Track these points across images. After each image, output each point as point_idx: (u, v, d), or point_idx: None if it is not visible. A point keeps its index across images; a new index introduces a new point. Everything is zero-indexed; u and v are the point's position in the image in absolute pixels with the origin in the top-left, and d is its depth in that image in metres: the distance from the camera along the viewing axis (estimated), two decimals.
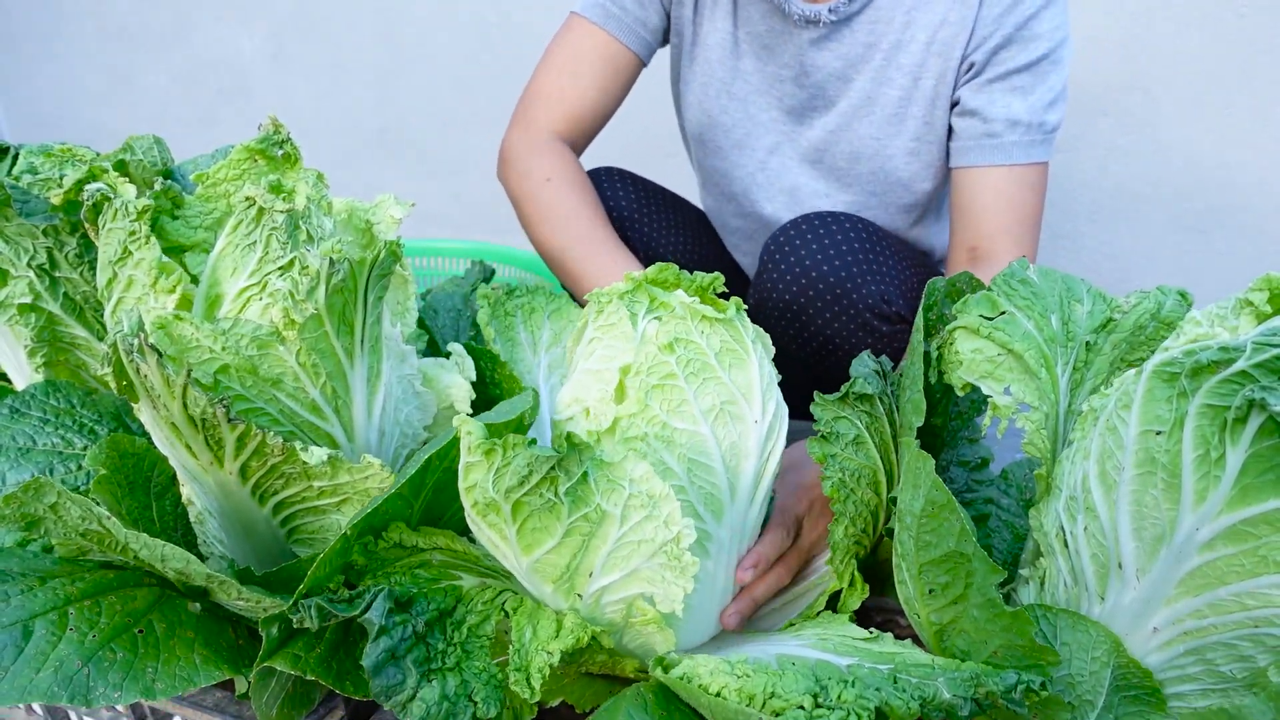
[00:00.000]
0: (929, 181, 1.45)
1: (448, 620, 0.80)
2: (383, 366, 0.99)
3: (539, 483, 0.73)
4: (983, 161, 1.35)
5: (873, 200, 1.48)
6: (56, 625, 0.78)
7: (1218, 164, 2.00)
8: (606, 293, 0.89)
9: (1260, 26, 1.87)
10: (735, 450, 0.83)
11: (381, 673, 0.73)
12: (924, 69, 1.37)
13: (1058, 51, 1.32)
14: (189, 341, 0.87)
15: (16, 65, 3.48)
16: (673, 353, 0.81)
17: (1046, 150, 1.35)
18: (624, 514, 0.74)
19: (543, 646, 0.75)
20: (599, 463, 0.74)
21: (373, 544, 0.84)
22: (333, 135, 3.01)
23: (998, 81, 1.33)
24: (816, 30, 1.38)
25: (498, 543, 0.78)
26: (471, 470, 0.74)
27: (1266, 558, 0.66)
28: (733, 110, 1.49)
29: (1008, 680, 0.70)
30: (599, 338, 0.87)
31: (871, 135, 1.42)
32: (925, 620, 0.80)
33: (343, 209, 1.02)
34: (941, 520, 0.75)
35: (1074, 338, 0.89)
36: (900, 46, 1.37)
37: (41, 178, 1.13)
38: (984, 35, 1.32)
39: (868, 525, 0.92)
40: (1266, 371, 0.64)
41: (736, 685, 0.72)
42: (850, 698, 0.69)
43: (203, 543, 0.95)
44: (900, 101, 1.39)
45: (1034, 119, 1.32)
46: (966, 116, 1.36)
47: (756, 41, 1.44)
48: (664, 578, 0.77)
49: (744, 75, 1.47)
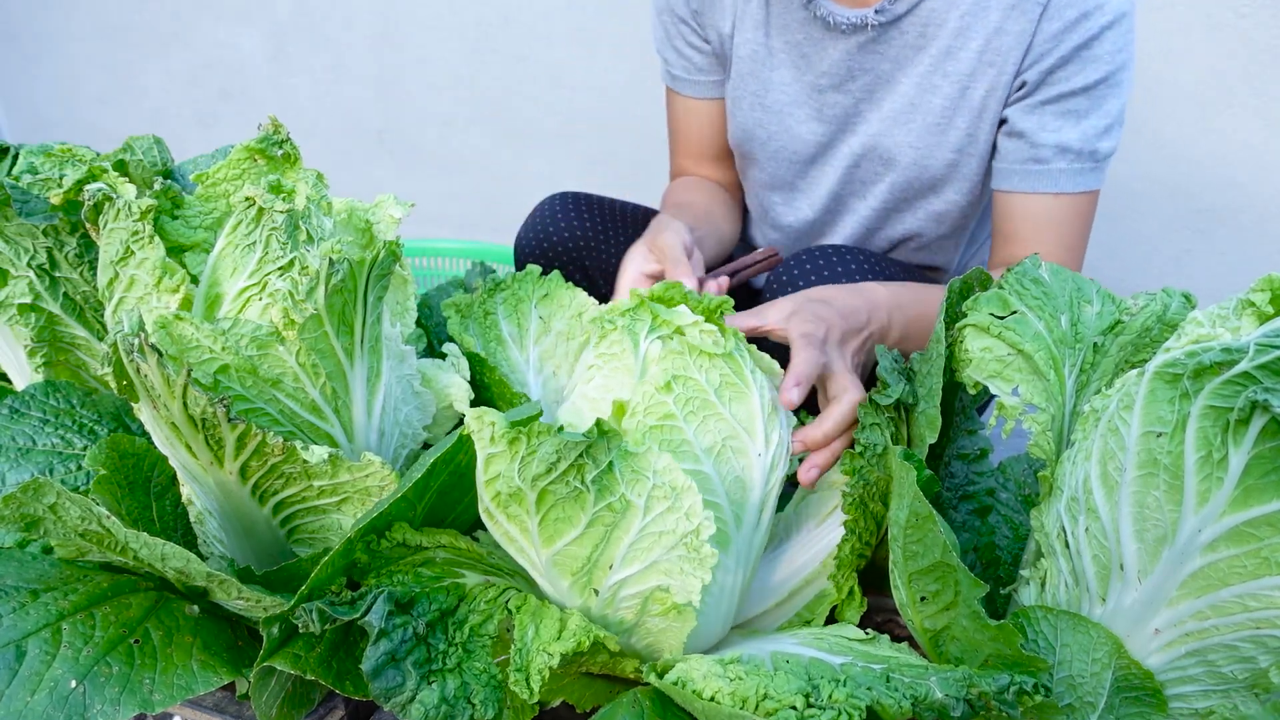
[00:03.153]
0: (965, 196, 1.39)
1: (449, 620, 0.79)
2: (382, 367, 0.99)
3: (566, 470, 0.73)
4: (1027, 188, 1.28)
5: (904, 206, 1.43)
6: (50, 643, 0.77)
7: (1218, 163, 1.99)
8: (610, 312, 0.88)
9: (1260, 26, 1.87)
10: (739, 484, 0.84)
11: (381, 675, 0.73)
12: (974, 79, 1.29)
13: (1118, 75, 1.23)
14: (189, 341, 0.87)
15: (16, 65, 3.48)
16: (670, 392, 0.81)
17: (1097, 179, 1.27)
18: (648, 504, 0.75)
19: (544, 647, 0.75)
20: (624, 453, 0.74)
21: (376, 543, 0.83)
22: (332, 135, 3.01)
23: (1051, 104, 1.25)
24: (864, 35, 1.32)
25: (516, 536, 0.78)
26: (494, 461, 0.74)
27: (1269, 559, 0.66)
28: (768, 123, 1.46)
29: (1000, 681, 0.70)
30: (599, 365, 0.87)
31: (910, 143, 1.36)
32: (920, 626, 0.81)
33: (342, 209, 1.02)
34: (925, 531, 0.76)
35: (1082, 339, 0.89)
36: (951, 53, 1.30)
37: (41, 178, 1.12)
38: (1041, 52, 1.24)
39: (872, 537, 0.93)
40: (1269, 373, 0.63)
41: (730, 689, 0.72)
42: (841, 697, 0.69)
43: (203, 543, 0.95)
44: (944, 110, 1.32)
45: (1085, 147, 1.25)
46: (1014, 138, 1.29)
47: (794, 51, 1.39)
48: (683, 569, 0.77)
49: (779, 86, 1.43)
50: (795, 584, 0.97)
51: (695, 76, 1.51)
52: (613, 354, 0.86)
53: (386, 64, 2.86)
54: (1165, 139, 2.02)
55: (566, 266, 1.54)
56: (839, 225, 1.51)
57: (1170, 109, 2.00)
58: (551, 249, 1.53)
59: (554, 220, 1.54)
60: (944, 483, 1.00)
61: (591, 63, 2.55)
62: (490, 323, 1.17)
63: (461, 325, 1.15)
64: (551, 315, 1.17)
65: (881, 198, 1.43)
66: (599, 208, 1.59)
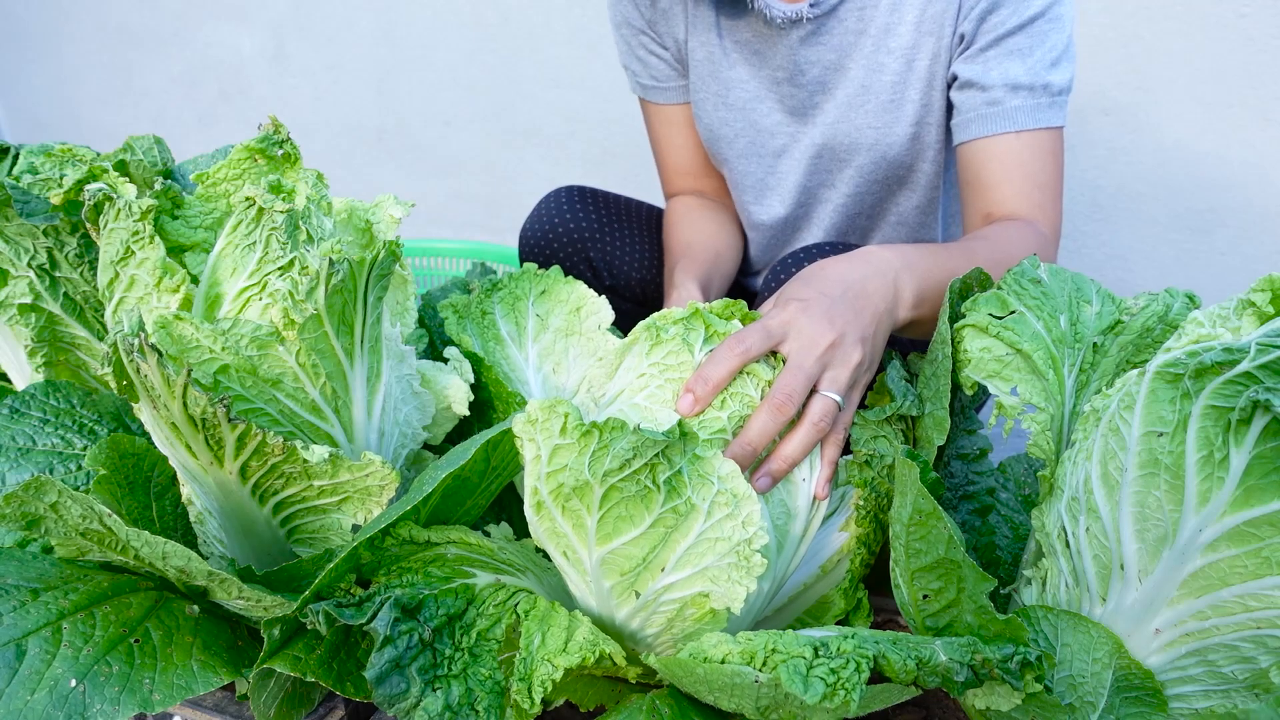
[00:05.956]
0: (932, 164, 1.40)
1: (457, 624, 0.79)
2: (382, 366, 0.99)
3: (640, 468, 0.72)
4: (986, 131, 1.26)
5: (876, 188, 1.44)
6: (50, 642, 0.77)
7: (1218, 163, 2.00)
8: (662, 319, 0.87)
9: (1260, 26, 1.87)
10: (784, 510, 0.84)
11: (385, 682, 0.73)
12: (917, 50, 1.31)
13: (1054, 9, 1.23)
14: (189, 341, 0.87)
15: (16, 65, 3.48)
16: (725, 408, 0.81)
17: (1056, 114, 1.25)
18: (710, 509, 0.75)
19: (549, 658, 0.75)
20: (694, 456, 0.74)
21: (380, 540, 0.83)
22: (332, 135, 3.01)
23: (991, 48, 1.25)
24: (803, 28, 1.35)
25: (567, 532, 0.77)
26: (561, 452, 0.73)
27: (1270, 559, 0.66)
28: (733, 120, 1.47)
29: (1004, 650, 0.71)
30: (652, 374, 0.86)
31: (869, 124, 1.37)
32: (921, 624, 0.81)
33: (343, 209, 1.02)
34: (929, 528, 0.76)
35: (1082, 339, 0.89)
36: (889, 30, 1.32)
37: (42, 178, 1.12)
38: (971, 4, 1.25)
39: (877, 546, 0.93)
40: (1271, 373, 0.63)
41: (739, 649, 0.72)
42: (850, 649, 0.70)
43: (203, 542, 0.95)
44: (894, 87, 1.34)
45: (1036, 81, 1.22)
46: (965, 89, 1.28)
47: (746, 49, 1.42)
48: (730, 577, 0.77)
49: (739, 84, 1.45)
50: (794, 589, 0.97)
51: (664, 84, 1.53)
52: (668, 364, 0.85)
53: (386, 64, 2.86)
54: (1165, 139, 2.02)
55: (571, 258, 1.54)
56: (814, 218, 1.51)
57: (1170, 109, 2.00)
58: (556, 240, 1.54)
59: (559, 212, 1.55)
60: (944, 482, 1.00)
61: (591, 63, 2.55)
62: (488, 322, 1.17)
63: (460, 326, 1.15)
64: (549, 312, 1.17)
65: (852, 183, 1.44)
66: (603, 202, 1.60)
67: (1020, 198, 1.24)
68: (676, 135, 1.57)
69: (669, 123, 1.57)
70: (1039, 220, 1.24)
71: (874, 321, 0.93)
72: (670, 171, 1.61)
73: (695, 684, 0.76)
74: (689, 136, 1.57)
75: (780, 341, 0.87)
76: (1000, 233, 1.19)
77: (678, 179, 1.61)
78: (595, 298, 1.15)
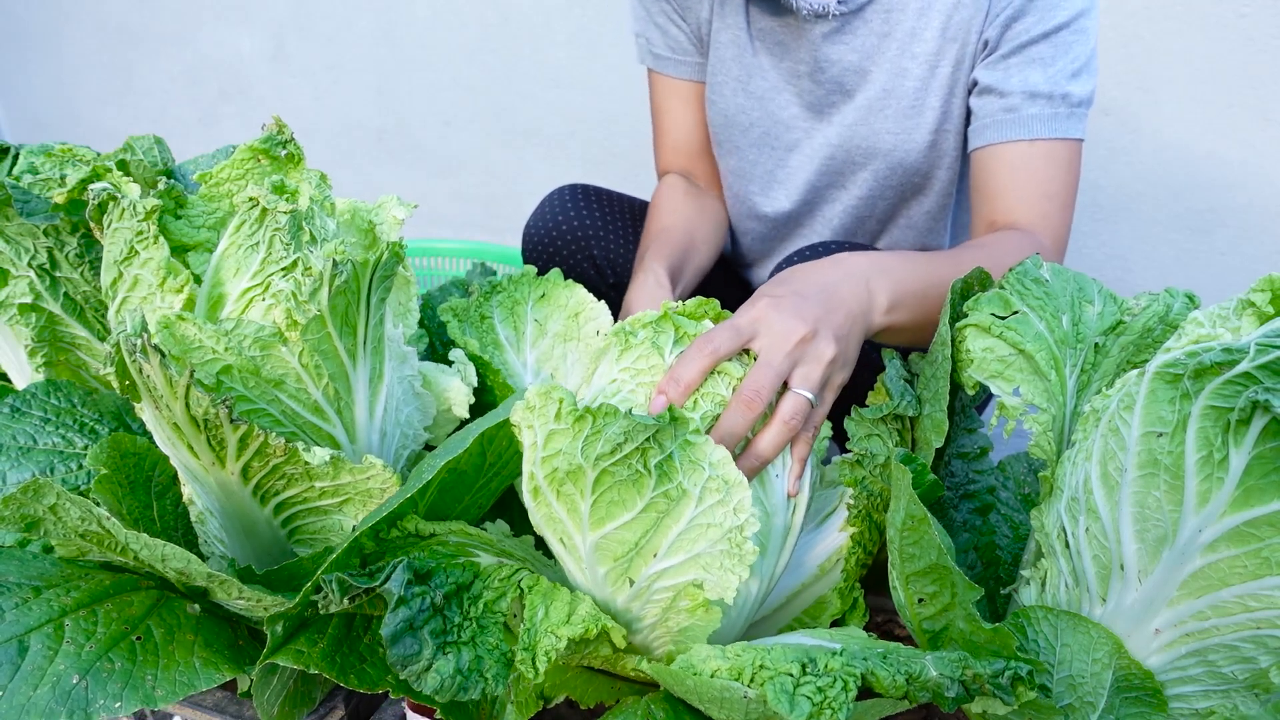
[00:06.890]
0: (948, 171, 1.39)
1: (465, 594, 0.79)
2: (385, 368, 0.99)
3: (630, 453, 0.73)
4: (1000, 138, 1.25)
5: (889, 194, 1.43)
6: (52, 638, 0.78)
7: (1218, 163, 2.00)
8: (632, 324, 0.87)
9: (1260, 26, 1.88)
10: (763, 508, 0.83)
11: (399, 642, 0.72)
12: (941, 56, 1.30)
13: (1080, 20, 1.21)
14: (192, 342, 0.87)
15: (16, 65, 3.48)
16: (697, 409, 0.81)
17: (1074, 126, 1.23)
18: (701, 495, 0.75)
19: (552, 629, 0.75)
20: (685, 442, 0.74)
21: (385, 531, 0.83)
22: (333, 135, 3.01)
23: (1013, 55, 1.24)
24: (827, 24, 1.33)
25: (563, 517, 0.78)
26: (555, 436, 0.74)
27: (1269, 559, 0.66)
28: (751, 109, 1.46)
29: (995, 665, 0.71)
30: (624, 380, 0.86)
31: (889, 130, 1.36)
32: (918, 627, 0.81)
33: (346, 210, 1.02)
34: (921, 534, 0.76)
35: (1083, 339, 0.89)
36: (915, 35, 1.31)
37: (42, 178, 1.12)
38: (998, 10, 1.24)
39: (875, 546, 0.93)
40: (1270, 373, 0.64)
41: (728, 665, 0.73)
42: (837, 666, 0.70)
43: (203, 543, 0.95)
44: (917, 93, 1.33)
45: (1055, 90, 1.22)
46: (983, 95, 1.27)
47: (771, 38, 1.41)
48: (722, 564, 0.77)
49: (761, 73, 1.43)
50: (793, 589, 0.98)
51: (679, 56, 1.51)
52: (639, 368, 0.85)
53: (387, 64, 2.86)
54: (1165, 139, 2.02)
55: (575, 257, 1.54)
56: (819, 216, 1.50)
57: (1170, 109, 2.00)
58: (560, 239, 1.53)
59: (563, 210, 1.54)
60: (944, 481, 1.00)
61: (591, 63, 2.55)
62: (487, 327, 1.17)
63: (460, 329, 1.15)
64: (547, 318, 1.17)
65: (865, 187, 1.43)
66: (607, 200, 1.60)
67: (1025, 207, 1.23)
68: (681, 111, 1.56)
69: (676, 96, 1.55)
70: (1041, 231, 1.23)
71: (848, 321, 0.93)
72: (667, 148, 1.60)
73: (686, 694, 0.77)
74: (693, 115, 1.56)
75: (750, 339, 0.87)
76: (995, 241, 1.19)
77: (673, 156, 1.60)
78: (594, 303, 1.15)
